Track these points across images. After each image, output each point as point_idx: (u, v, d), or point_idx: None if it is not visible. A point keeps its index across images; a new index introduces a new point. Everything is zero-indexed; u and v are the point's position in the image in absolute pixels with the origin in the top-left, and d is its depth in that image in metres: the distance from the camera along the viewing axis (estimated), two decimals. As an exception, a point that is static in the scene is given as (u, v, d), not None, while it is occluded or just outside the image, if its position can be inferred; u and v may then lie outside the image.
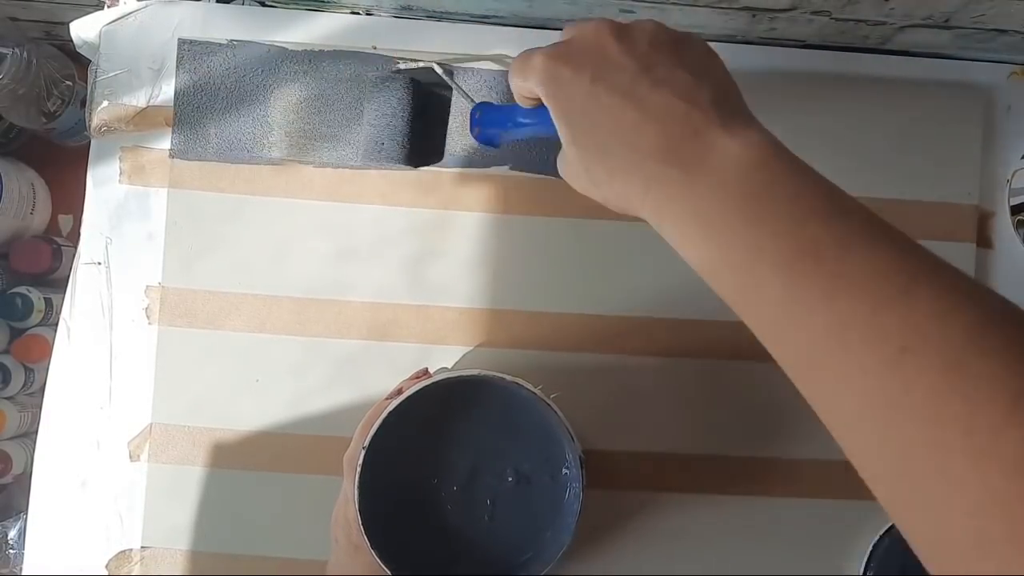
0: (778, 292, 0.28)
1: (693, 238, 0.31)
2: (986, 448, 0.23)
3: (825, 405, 0.28)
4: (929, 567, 0.25)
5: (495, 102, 0.49)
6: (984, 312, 0.25)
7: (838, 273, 0.27)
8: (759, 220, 0.29)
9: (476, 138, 0.45)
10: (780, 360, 0.29)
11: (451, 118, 0.53)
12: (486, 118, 0.44)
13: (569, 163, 0.35)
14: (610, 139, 0.33)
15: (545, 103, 0.35)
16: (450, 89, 0.53)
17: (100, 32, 0.53)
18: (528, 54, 0.35)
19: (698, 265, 0.31)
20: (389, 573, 0.42)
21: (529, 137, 0.46)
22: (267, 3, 0.55)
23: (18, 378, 0.85)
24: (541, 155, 0.53)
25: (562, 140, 0.35)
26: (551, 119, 0.35)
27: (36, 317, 0.85)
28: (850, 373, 0.26)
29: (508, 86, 0.39)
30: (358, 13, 0.55)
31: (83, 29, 0.54)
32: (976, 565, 0.23)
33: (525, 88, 0.36)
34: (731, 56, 0.54)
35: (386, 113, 0.51)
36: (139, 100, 0.53)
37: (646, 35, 0.34)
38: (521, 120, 0.41)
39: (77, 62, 0.83)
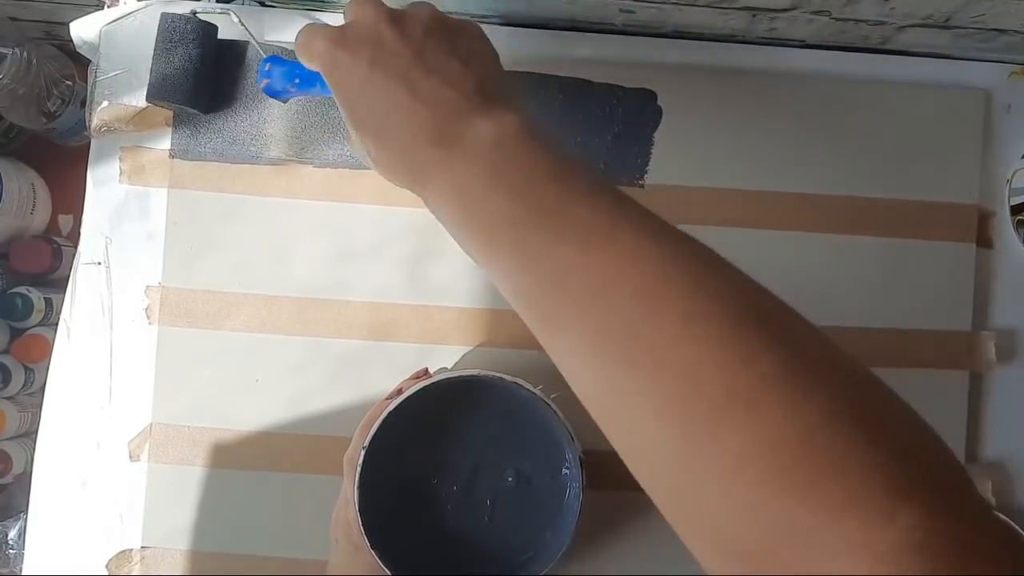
0: (509, 247, 0.32)
1: (449, 207, 0.34)
2: (663, 359, 0.27)
3: (553, 348, 0.32)
4: (630, 467, 0.29)
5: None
6: (672, 248, 0.30)
7: (559, 225, 0.31)
8: (500, 186, 0.33)
9: (264, 89, 0.46)
10: (522, 316, 0.33)
11: (244, 68, 0.54)
12: (274, 71, 0.45)
13: (353, 142, 0.39)
14: (385, 122, 0.35)
15: (328, 86, 0.37)
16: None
17: (100, 32, 0.53)
18: (311, 35, 0.37)
19: (453, 232, 0.35)
20: (389, 573, 0.42)
21: (316, 96, 0.47)
22: (267, 3, 0.55)
23: (18, 378, 0.85)
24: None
25: (347, 124, 0.37)
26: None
27: (36, 317, 0.85)
28: (568, 312, 0.30)
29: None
30: (358, 13, 0.54)
31: (83, 29, 0.54)
32: (660, 463, 0.27)
33: (308, 66, 0.38)
34: (731, 56, 0.55)
35: (178, 54, 0.51)
36: (139, 100, 0.53)
37: (421, 22, 0.36)
38: (311, 79, 0.44)
39: (77, 62, 0.83)
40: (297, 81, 0.45)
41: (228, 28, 0.52)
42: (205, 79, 0.52)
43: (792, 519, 0.23)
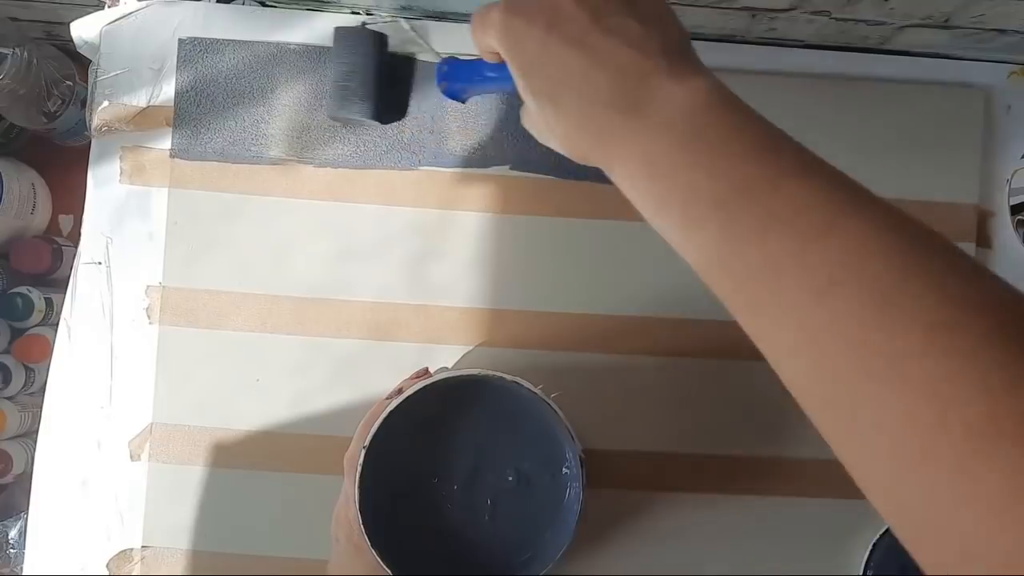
0: (714, 231, 0.29)
1: (639, 181, 0.32)
2: (906, 373, 0.24)
3: (764, 340, 0.29)
4: (860, 485, 0.26)
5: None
6: (908, 243, 0.26)
7: (769, 210, 0.28)
8: (697, 161, 0.30)
9: (443, 92, 0.45)
10: (722, 298, 0.30)
11: (416, 74, 0.54)
12: (452, 73, 0.44)
13: (529, 114, 0.37)
14: (563, 88, 0.33)
15: (503, 55, 0.35)
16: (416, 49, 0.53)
17: (100, 32, 0.53)
18: (486, 9, 0.36)
19: (644, 208, 0.32)
20: (390, 573, 0.42)
21: (494, 91, 0.46)
22: (267, 3, 0.55)
23: (19, 378, 0.85)
24: (542, 155, 0.53)
25: (520, 92, 0.35)
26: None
27: (36, 317, 0.85)
28: (783, 307, 0.27)
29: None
30: (358, 13, 0.55)
31: (84, 29, 0.54)
32: (898, 484, 0.25)
33: (485, 43, 0.37)
34: (731, 56, 0.55)
35: (354, 66, 0.51)
36: (140, 100, 0.53)
37: None
38: (487, 74, 0.42)
39: (77, 62, 0.83)
40: (476, 78, 0.43)
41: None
42: (384, 90, 0.52)
43: None
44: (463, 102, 0.47)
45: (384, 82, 0.52)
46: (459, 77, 0.44)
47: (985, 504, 0.23)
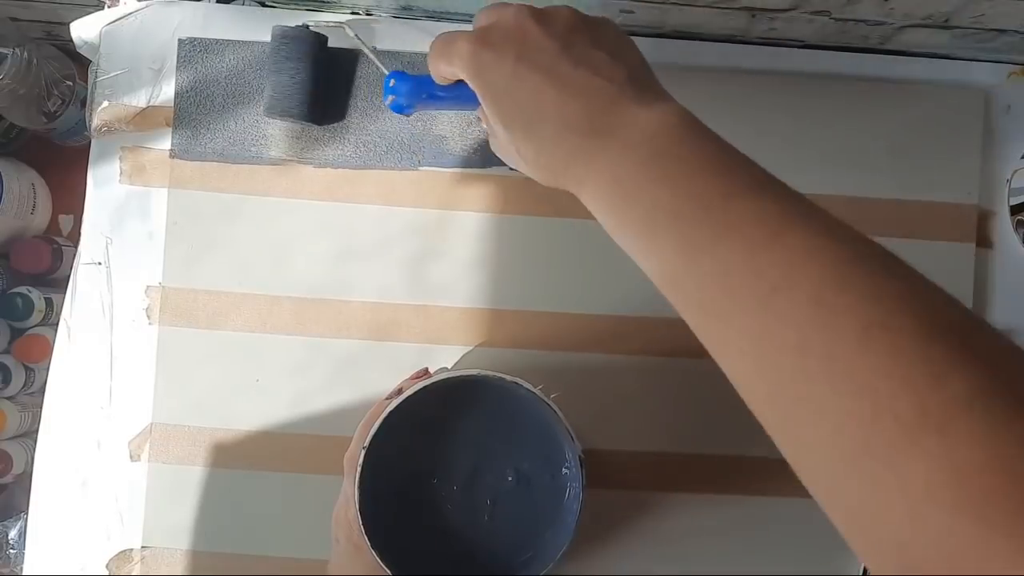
0: (672, 241, 0.31)
1: (606, 199, 0.33)
2: (841, 373, 0.25)
3: (712, 343, 0.31)
4: (804, 482, 0.28)
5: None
6: (848, 250, 0.28)
7: (722, 221, 0.30)
8: (660, 177, 0.32)
9: (389, 106, 0.45)
10: (676, 304, 0.32)
11: (356, 79, 0.54)
12: (400, 87, 0.44)
13: (500, 143, 0.38)
14: (535, 117, 0.35)
15: (471, 86, 0.37)
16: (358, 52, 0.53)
17: (100, 32, 0.53)
18: (449, 39, 0.37)
19: (608, 223, 0.34)
20: (390, 573, 0.42)
21: (443, 109, 0.47)
22: (267, 3, 0.55)
23: (18, 378, 0.85)
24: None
25: (488, 117, 0.37)
26: (466, 94, 0.37)
27: (36, 317, 0.85)
28: (732, 312, 0.29)
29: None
30: (358, 13, 0.55)
31: (83, 29, 0.54)
32: (836, 479, 0.26)
33: (445, 70, 0.38)
34: (731, 56, 0.55)
35: (292, 68, 0.51)
36: (139, 100, 0.53)
37: (563, 19, 0.36)
38: (437, 93, 0.43)
39: (77, 62, 0.83)
40: (424, 95, 0.44)
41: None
42: (320, 91, 0.52)
43: (990, 548, 0.22)
44: (408, 116, 0.49)
45: (320, 85, 0.52)
46: (407, 92, 0.44)
47: (911, 495, 0.24)
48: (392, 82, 0.44)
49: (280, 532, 0.52)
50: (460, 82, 0.38)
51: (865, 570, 0.52)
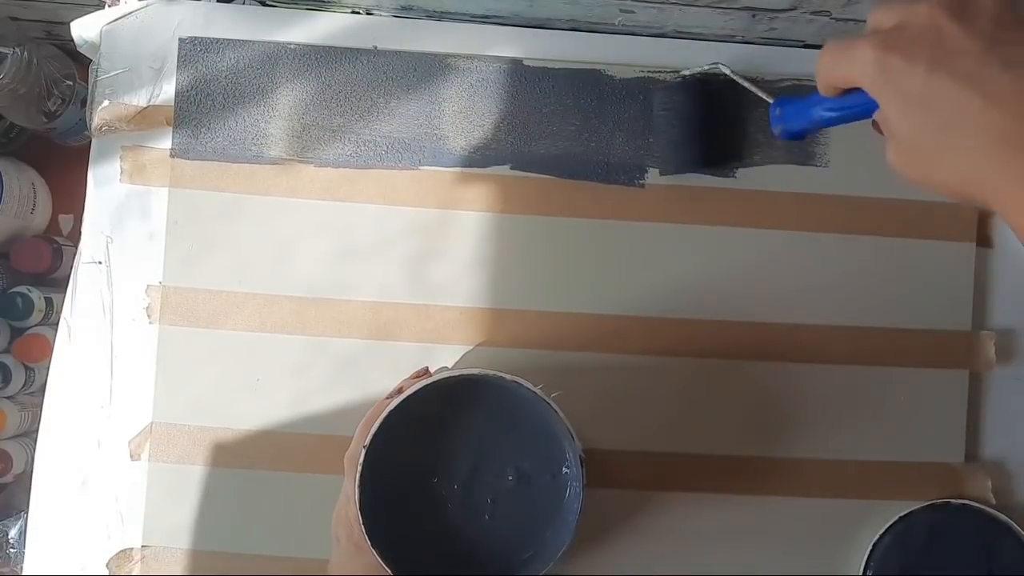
0: None
1: None
2: None
3: None
4: None
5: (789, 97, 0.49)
6: None
7: None
8: None
9: (779, 135, 0.44)
10: None
11: (745, 116, 0.54)
12: (787, 113, 0.43)
13: (904, 152, 0.34)
14: (952, 128, 0.31)
15: (873, 95, 0.33)
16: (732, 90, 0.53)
17: (101, 31, 0.53)
18: (848, 44, 0.34)
19: None
20: (390, 573, 0.42)
21: (833, 125, 0.43)
22: (267, 3, 0.55)
23: (18, 377, 0.85)
24: (542, 155, 0.53)
25: (895, 130, 0.33)
26: (859, 104, 0.35)
27: (37, 316, 0.85)
28: None
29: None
30: (359, 13, 0.55)
31: (84, 28, 0.54)
32: None
33: (839, 77, 0.35)
34: (731, 56, 0.55)
35: (682, 118, 0.52)
36: (140, 99, 0.53)
37: (986, 10, 0.31)
38: (826, 112, 0.40)
39: (77, 62, 0.83)
40: (814, 116, 0.41)
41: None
42: (713, 136, 0.53)
43: None
44: (803, 140, 0.48)
45: (710, 131, 0.53)
46: (796, 117, 0.42)
47: None
48: (778, 111, 0.43)
49: (280, 532, 0.52)
50: (850, 92, 0.36)
51: (865, 570, 0.52)
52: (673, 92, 0.52)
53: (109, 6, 0.54)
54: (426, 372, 0.49)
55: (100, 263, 0.53)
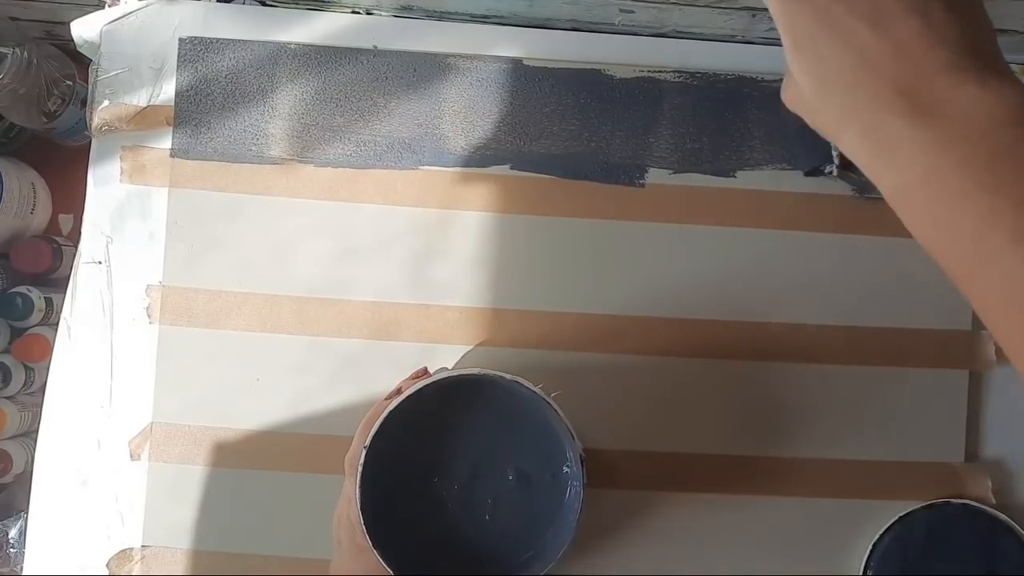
0: (1014, 266, 0.25)
1: (916, 198, 0.28)
2: None
3: None
4: None
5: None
6: None
7: None
8: (999, 184, 0.26)
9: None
10: (1001, 341, 0.27)
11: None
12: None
13: (791, 90, 0.32)
14: (839, 67, 0.29)
15: (773, 17, 0.31)
16: None
17: (101, 31, 0.53)
18: None
19: (917, 228, 0.28)
20: (391, 573, 0.42)
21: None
22: (268, 3, 0.55)
23: (18, 377, 0.85)
24: (542, 155, 0.53)
25: (786, 57, 0.31)
26: None
27: (36, 317, 0.85)
28: None
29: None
30: (359, 12, 0.55)
31: (84, 28, 0.54)
32: None
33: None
34: (731, 56, 0.55)
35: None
36: (140, 99, 0.53)
37: None
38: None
39: (77, 61, 0.83)
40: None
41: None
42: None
43: None
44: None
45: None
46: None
47: None
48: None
49: (280, 532, 0.52)
50: None
51: (865, 570, 0.52)
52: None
53: (109, 6, 0.54)
54: (425, 372, 0.49)
55: (100, 263, 0.53)
